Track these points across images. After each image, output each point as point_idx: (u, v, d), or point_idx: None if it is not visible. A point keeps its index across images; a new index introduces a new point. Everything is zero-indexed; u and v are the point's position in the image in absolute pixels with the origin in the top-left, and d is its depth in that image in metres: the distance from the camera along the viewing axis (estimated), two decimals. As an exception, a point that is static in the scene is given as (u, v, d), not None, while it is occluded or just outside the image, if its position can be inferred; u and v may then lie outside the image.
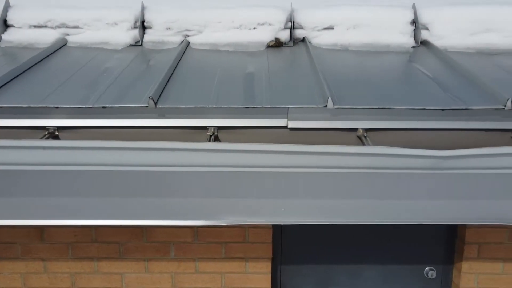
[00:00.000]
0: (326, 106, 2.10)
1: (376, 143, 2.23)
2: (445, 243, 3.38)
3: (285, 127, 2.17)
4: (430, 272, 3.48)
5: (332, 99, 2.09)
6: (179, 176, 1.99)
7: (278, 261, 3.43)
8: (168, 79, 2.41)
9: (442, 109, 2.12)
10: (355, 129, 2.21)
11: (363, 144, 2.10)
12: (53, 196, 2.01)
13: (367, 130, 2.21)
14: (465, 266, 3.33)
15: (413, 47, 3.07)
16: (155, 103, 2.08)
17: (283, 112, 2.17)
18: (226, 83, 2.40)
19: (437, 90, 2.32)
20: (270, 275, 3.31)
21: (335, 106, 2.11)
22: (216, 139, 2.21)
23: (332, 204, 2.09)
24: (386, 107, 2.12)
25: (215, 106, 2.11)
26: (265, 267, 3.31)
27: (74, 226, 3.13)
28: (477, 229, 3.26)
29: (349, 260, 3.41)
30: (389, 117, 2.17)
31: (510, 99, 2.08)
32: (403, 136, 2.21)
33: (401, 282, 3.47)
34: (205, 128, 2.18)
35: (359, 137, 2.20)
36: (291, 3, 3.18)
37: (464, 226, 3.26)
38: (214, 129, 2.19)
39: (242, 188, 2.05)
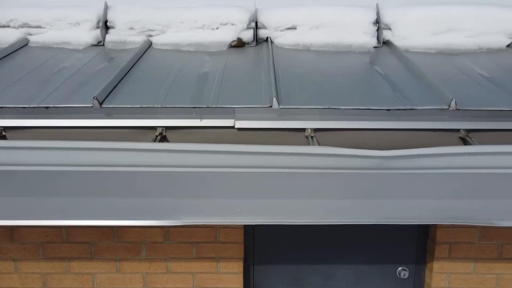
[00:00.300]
0: (271, 106, 2.10)
1: (324, 143, 2.23)
2: (417, 243, 3.38)
3: (233, 127, 2.18)
4: (402, 272, 3.48)
5: (277, 99, 2.09)
6: (123, 176, 1.99)
7: (251, 261, 3.43)
8: (121, 79, 2.40)
9: (388, 109, 2.12)
10: (304, 129, 2.22)
11: (309, 145, 2.11)
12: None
13: (316, 130, 2.22)
14: (436, 266, 3.33)
15: (375, 47, 3.07)
16: (100, 104, 2.08)
17: (231, 112, 2.17)
18: (179, 83, 2.40)
19: (387, 91, 2.32)
20: (241, 275, 3.31)
21: (281, 106, 2.11)
22: (164, 139, 2.21)
23: (280, 203, 2.09)
24: (332, 107, 2.12)
25: (160, 106, 2.10)
26: (237, 267, 3.31)
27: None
28: (447, 229, 3.26)
29: (323, 260, 3.41)
30: (336, 117, 2.17)
31: (454, 99, 2.08)
32: (351, 136, 2.22)
33: (373, 282, 3.47)
34: (152, 128, 2.19)
35: (307, 137, 2.20)
36: (255, 3, 3.18)
37: (435, 226, 3.26)
38: (162, 129, 2.20)
39: (191, 188, 2.05)
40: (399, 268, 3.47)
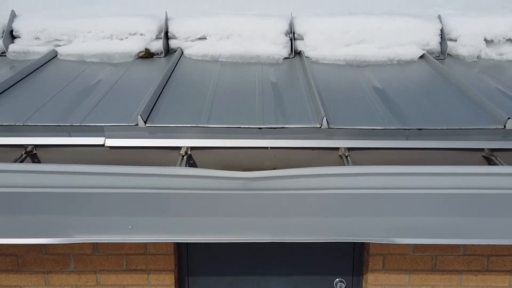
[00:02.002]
0: (137, 124, 2.05)
1: (200, 162, 2.18)
2: (354, 255, 3.33)
3: (103, 145, 2.13)
4: (339, 283, 3.43)
5: (142, 117, 2.03)
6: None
7: (185, 273, 3.37)
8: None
9: (259, 128, 2.06)
10: (179, 148, 2.16)
11: (177, 165, 2.06)
12: None
13: (192, 148, 2.16)
14: (371, 277, 3.28)
15: (286, 58, 3.01)
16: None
17: (101, 130, 2.11)
18: (58, 99, 2.34)
19: (269, 107, 2.26)
20: (173, 287, 3.26)
21: (147, 125, 2.05)
22: (35, 157, 2.15)
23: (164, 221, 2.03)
24: (200, 125, 2.06)
25: (22, 124, 2.04)
26: (168, 279, 3.26)
27: None
28: (380, 240, 3.21)
29: (259, 271, 3.35)
30: (209, 136, 2.11)
31: (325, 118, 2.02)
32: (225, 155, 2.16)
33: (310, 293, 3.42)
34: (22, 146, 2.13)
35: (182, 156, 2.15)
36: (166, 12, 3.11)
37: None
38: (32, 147, 2.13)
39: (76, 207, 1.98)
40: (336, 279, 3.42)
